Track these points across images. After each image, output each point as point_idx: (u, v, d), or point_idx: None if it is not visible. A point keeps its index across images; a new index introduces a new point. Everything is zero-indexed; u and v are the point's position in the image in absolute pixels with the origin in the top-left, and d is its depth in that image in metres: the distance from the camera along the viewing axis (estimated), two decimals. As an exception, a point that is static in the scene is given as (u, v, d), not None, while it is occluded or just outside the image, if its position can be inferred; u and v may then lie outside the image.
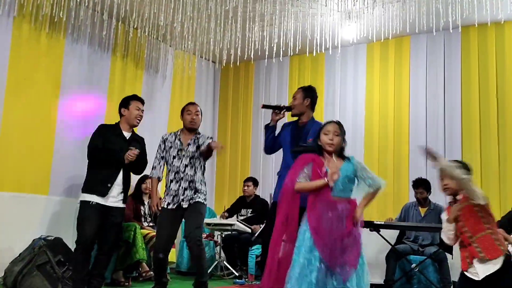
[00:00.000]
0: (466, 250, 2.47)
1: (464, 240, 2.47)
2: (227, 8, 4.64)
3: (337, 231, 2.64)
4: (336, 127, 2.84)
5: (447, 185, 2.53)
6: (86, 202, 3.63)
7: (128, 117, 3.85)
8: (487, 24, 4.79)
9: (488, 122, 5.25)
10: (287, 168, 3.32)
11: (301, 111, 3.51)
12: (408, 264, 4.41)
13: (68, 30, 4.98)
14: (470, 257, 2.43)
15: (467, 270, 2.46)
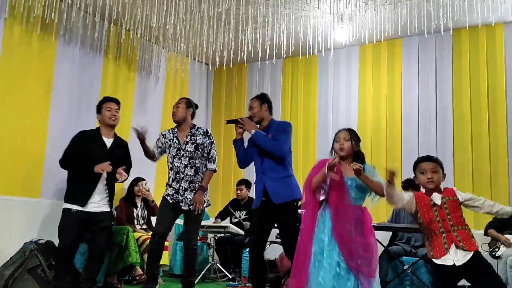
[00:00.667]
0: (444, 236, 2.62)
1: (445, 226, 2.64)
2: (219, 10, 4.64)
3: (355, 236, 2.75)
4: (345, 133, 2.95)
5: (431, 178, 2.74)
6: (67, 209, 3.61)
7: (102, 121, 3.84)
8: (478, 27, 4.85)
9: (480, 123, 5.29)
10: (259, 173, 3.44)
11: (261, 117, 3.57)
12: (401, 265, 4.42)
13: (60, 32, 4.95)
14: (448, 243, 2.59)
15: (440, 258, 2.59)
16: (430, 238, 2.69)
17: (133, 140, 5.79)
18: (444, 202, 2.69)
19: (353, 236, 2.74)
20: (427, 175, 2.76)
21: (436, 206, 2.69)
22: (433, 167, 2.78)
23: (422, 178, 2.78)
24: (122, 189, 5.54)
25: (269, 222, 3.46)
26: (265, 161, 3.43)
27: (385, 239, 4.79)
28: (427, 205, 2.72)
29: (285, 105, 6.54)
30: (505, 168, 5.10)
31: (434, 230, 2.67)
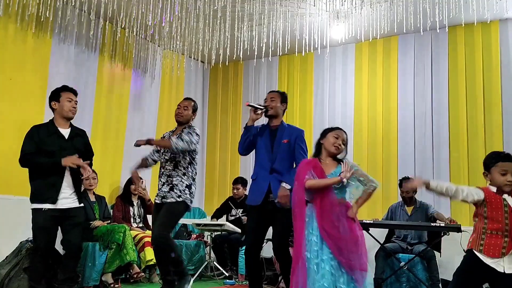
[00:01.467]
0: (506, 240, 2.48)
1: (511, 231, 2.49)
2: (215, 7, 4.63)
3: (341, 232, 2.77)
4: (345, 136, 3.01)
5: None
6: (38, 209, 3.39)
7: (60, 111, 3.53)
8: (474, 24, 4.86)
9: (475, 120, 5.31)
10: (265, 171, 3.40)
11: (277, 113, 3.55)
12: (397, 262, 4.44)
13: (54, 30, 4.92)
14: (508, 248, 2.46)
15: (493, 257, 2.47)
16: (486, 234, 2.53)
17: (129, 136, 5.80)
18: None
19: (341, 232, 2.76)
20: (508, 177, 2.53)
21: (508, 207, 2.53)
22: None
23: (500, 179, 2.55)
24: (118, 188, 5.54)
25: (266, 222, 3.46)
26: (277, 162, 3.41)
27: (381, 236, 4.81)
28: (498, 203, 2.55)
29: (281, 102, 6.53)
30: (501, 165, 5.11)
31: (496, 230, 2.52)
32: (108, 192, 5.40)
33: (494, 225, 2.52)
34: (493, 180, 2.59)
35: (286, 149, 3.43)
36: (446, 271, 4.71)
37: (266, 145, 3.48)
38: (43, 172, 3.42)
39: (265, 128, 3.58)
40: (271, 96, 3.58)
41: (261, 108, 3.50)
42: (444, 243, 4.56)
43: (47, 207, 3.39)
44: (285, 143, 3.43)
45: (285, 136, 3.46)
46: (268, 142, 3.49)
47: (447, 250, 4.59)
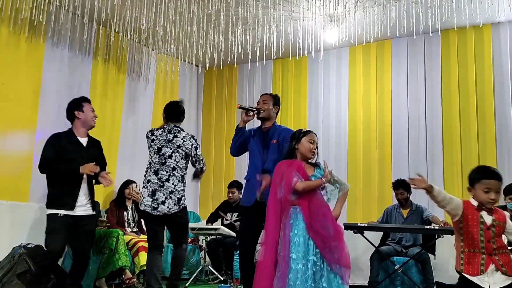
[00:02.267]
0: (484, 257, 2.46)
1: (488, 248, 2.47)
2: (209, 11, 4.63)
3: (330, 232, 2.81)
4: (317, 139, 3.05)
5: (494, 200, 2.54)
6: (54, 214, 3.51)
7: (84, 120, 3.73)
8: (466, 28, 4.89)
9: (468, 123, 5.34)
10: (256, 171, 3.40)
11: (269, 116, 3.58)
12: (392, 265, 4.45)
13: (48, 34, 4.91)
14: (486, 265, 2.44)
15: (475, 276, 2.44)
16: (464, 253, 2.51)
17: (123, 140, 5.78)
18: (494, 225, 2.49)
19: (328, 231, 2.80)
20: (491, 195, 2.48)
21: (483, 224, 2.48)
22: (498, 187, 2.50)
23: (483, 196, 2.49)
24: (112, 192, 5.51)
25: (259, 224, 3.40)
26: (269, 162, 3.42)
27: (376, 239, 4.81)
28: (475, 219, 2.49)
29: (275, 106, 6.54)
30: (494, 165, 5.11)
31: (473, 248, 2.48)
32: (102, 197, 5.37)
33: (470, 242, 2.49)
34: (476, 196, 2.54)
35: (276, 150, 3.45)
36: (440, 273, 4.72)
37: (258, 147, 3.52)
38: (61, 179, 3.55)
39: (258, 131, 3.62)
40: (263, 98, 3.61)
41: (253, 110, 3.53)
42: (438, 246, 4.57)
43: (63, 213, 3.50)
44: (274, 144, 3.46)
45: (275, 136, 3.49)
46: (260, 143, 3.52)
47: (441, 253, 4.61)
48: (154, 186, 3.75)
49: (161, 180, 3.75)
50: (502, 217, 2.53)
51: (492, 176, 2.52)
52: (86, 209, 3.64)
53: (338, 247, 2.79)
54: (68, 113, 3.77)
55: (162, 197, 3.71)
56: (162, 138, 3.81)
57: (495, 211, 2.53)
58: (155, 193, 3.73)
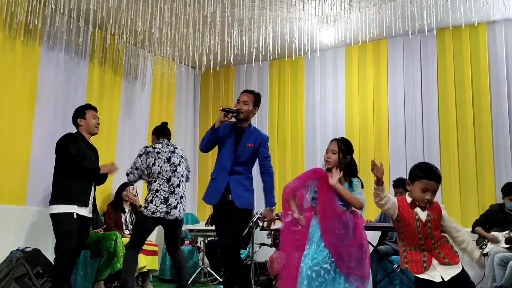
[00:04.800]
0: (425, 254, 2.45)
1: (427, 245, 2.45)
2: (205, 13, 4.63)
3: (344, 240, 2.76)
4: (334, 145, 2.94)
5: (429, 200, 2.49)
6: (69, 214, 3.55)
7: (87, 127, 3.85)
8: (462, 27, 4.91)
9: (465, 122, 5.35)
10: (224, 171, 3.40)
11: (247, 117, 3.50)
12: (390, 264, 4.45)
13: (43, 37, 4.90)
14: (428, 262, 2.43)
15: (423, 273, 2.43)
16: (406, 251, 2.50)
17: (120, 143, 5.77)
18: (429, 220, 2.47)
19: (344, 240, 2.75)
20: (427, 195, 2.46)
21: (419, 221, 2.46)
22: (436, 188, 2.48)
23: (420, 195, 2.47)
24: (110, 195, 5.50)
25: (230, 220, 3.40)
26: (239, 164, 3.42)
27: (374, 239, 4.81)
28: (411, 217, 2.48)
29: (272, 107, 6.55)
30: (491, 165, 5.16)
31: (413, 245, 2.48)
32: (99, 200, 5.35)
33: (409, 240, 2.47)
34: (413, 192, 2.51)
35: (249, 153, 3.44)
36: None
37: (230, 146, 3.45)
38: (80, 176, 3.63)
39: (233, 129, 3.52)
40: (244, 98, 3.48)
41: (233, 112, 3.44)
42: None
43: (76, 213, 3.55)
44: (249, 148, 3.42)
45: (251, 140, 3.44)
46: (232, 143, 3.46)
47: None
48: (166, 193, 3.99)
49: (172, 186, 4.02)
50: (438, 212, 2.50)
51: (432, 177, 2.46)
52: (91, 211, 3.75)
53: (355, 257, 2.73)
54: (73, 120, 3.89)
55: (174, 202, 4.00)
56: (165, 150, 4.11)
57: (431, 207, 2.50)
58: (168, 200, 3.98)
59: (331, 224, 2.78)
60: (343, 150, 2.91)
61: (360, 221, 2.88)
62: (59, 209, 3.56)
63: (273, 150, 6.44)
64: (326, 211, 2.81)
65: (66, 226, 3.52)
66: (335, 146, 2.92)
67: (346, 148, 2.93)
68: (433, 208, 2.50)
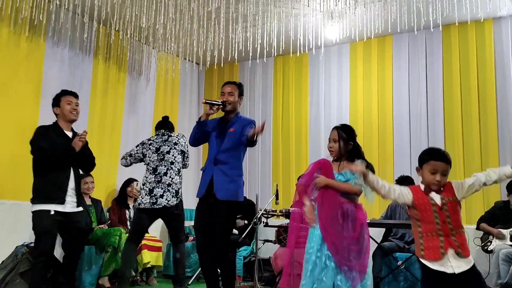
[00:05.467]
0: (442, 240, 2.40)
1: (444, 230, 2.41)
2: (209, 9, 4.62)
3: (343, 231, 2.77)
4: (334, 133, 2.96)
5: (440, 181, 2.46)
6: (45, 211, 3.38)
7: (62, 114, 3.63)
8: (467, 23, 4.87)
9: (470, 118, 5.32)
10: (210, 162, 3.31)
11: (234, 108, 3.43)
12: (395, 261, 4.44)
13: (48, 33, 4.91)
14: (445, 247, 2.39)
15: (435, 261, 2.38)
16: (423, 237, 2.46)
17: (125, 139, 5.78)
18: (444, 203, 2.44)
19: (340, 230, 2.77)
20: (437, 176, 2.44)
21: (435, 206, 2.44)
22: (445, 169, 2.46)
23: (429, 177, 2.46)
24: (114, 191, 5.52)
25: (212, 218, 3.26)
26: (221, 152, 3.29)
27: (378, 235, 4.81)
28: (426, 203, 2.46)
29: (276, 103, 6.54)
30: (496, 161, 5.13)
31: (430, 231, 2.43)
32: (104, 196, 5.38)
33: (427, 226, 2.44)
34: (423, 177, 2.51)
35: (232, 139, 3.30)
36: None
37: (216, 138, 3.37)
38: (52, 170, 3.45)
39: (220, 121, 3.47)
40: (229, 89, 3.42)
41: (219, 104, 3.37)
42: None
43: (54, 210, 3.40)
44: (232, 132, 3.31)
45: (234, 126, 3.34)
46: (219, 133, 3.38)
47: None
48: (152, 184, 4.04)
49: (159, 175, 4.06)
50: (451, 192, 2.47)
51: (440, 158, 2.47)
52: (74, 205, 3.55)
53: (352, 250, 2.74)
54: (52, 109, 3.71)
55: (160, 191, 4.01)
56: (158, 140, 4.20)
57: (444, 189, 2.48)
58: (153, 191, 4.02)
59: (329, 212, 2.80)
60: (344, 137, 2.93)
61: (362, 215, 2.88)
62: (35, 207, 3.44)
63: (277, 146, 6.44)
64: (325, 199, 2.83)
65: (43, 226, 3.38)
66: (335, 135, 2.95)
67: (347, 134, 2.95)
68: (445, 190, 2.48)
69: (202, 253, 3.32)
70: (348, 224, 2.79)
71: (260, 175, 6.41)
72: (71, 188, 3.52)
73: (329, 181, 2.84)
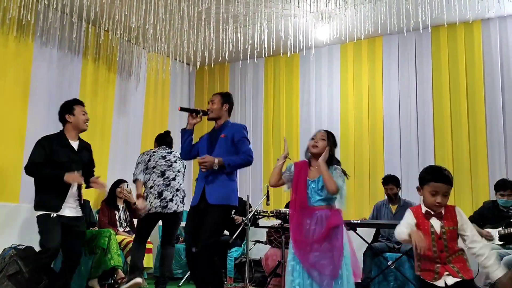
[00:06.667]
0: (438, 266, 2.36)
1: (441, 258, 2.36)
2: (199, 9, 4.60)
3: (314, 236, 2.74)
4: (323, 133, 2.98)
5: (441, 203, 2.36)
6: (46, 215, 3.45)
7: (75, 123, 3.66)
8: (456, 24, 4.91)
9: (459, 118, 5.37)
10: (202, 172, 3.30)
11: (219, 115, 3.45)
12: (385, 261, 4.46)
13: (36, 33, 4.86)
14: (440, 273, 2.34)
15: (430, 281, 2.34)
16: (420, 260, 2.41)
17: (114, 140, 5.74)
18: (443, 232, 2.35)
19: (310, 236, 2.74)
20: (437, 198, 2.34)
21: (434, 234, 2.36)
22: (446, 191, 2.36)
23: (430, 199, 2.37)
24: (104, 192, 5.47)
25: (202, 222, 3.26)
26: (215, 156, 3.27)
27: (369, 235, 4.82)
28: (426, 230, 2.38)
29: (267, 103, 6.54)
30: (485, 161, 5.18)
31: (427, 256, 2.36)
32: (93, 196, 5.34)
33: (424, 251, 2.31)
34: (424, 198, 2.41)
35: (223, 144, 3.31)
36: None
37: (206, 145, 3.38)
38: (48, 182, 3.50)
39: (210, 132, 3.50)
40: (211, 99, 3.51)
41: (197, 111, 3.42)
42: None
43: (56, 214, 3.47)
44: (222, 138, 3.31)
45: (224, 132, 3.35)
46: (208, 141, 3.40)
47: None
48: (160, 187, 4.08)
49: (167, 179, 4.12)
50: (453, 221, 2.38)
51: (441, 179, 2.36)
52: (75, 211, 3.59)
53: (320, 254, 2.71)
54: (60, 116, 3.72)
55: (169, 195, 4.07)
56: (162, 150, 4.28)
57: (445, 216, 2.39)
58: (162, 194, 4.06)
59: (300, 220, 2.80)
60: (331, 140, 2.97)
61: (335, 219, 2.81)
62: (38, 212, 3.52)
63: (268, 147, 6.44)
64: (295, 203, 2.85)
65: (47, 224, 3.45)
66: (325, 135, 2.97)
67: (333, 139, 3.01)
68: (448, 217, 2.38)
69: (190, 257, 3.29)
70: (321, 230, 2.75)
71: (251, 176, 6.41)
72: (70, 196, 3.55)
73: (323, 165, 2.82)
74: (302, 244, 2.74)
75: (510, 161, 5.08)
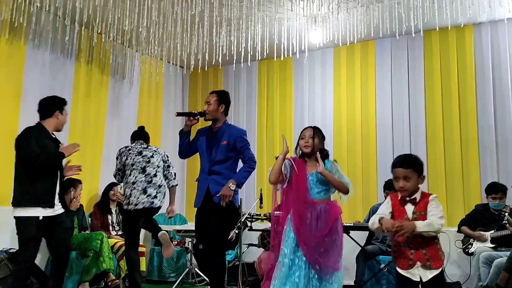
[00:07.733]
0: (413, 251, 2.44)
1: (414, 243, 2.43)
2: (193, 12, 4.60)
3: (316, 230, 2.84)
4: (311, 131, 3.07)
5: (403, 187, 2.47)
6: (33, 217, 3.30)
7: (61, 123, 3.63)
8: (448, 28, 4.95)
9: (451, 121, 5.40)
10: (204, 173, 3.41)
11: (215, 117, 3.50)
12: (377, 264, 4.47)
13: (29, 36, 4.83)
14: (414, 259, 2.42)
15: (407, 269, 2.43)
16: (396, 247, 2.50)
17: (107, 143, 5.72)
18: (415, 217, 2.45)
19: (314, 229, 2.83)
20: (400, 182, 2.47)
21: (407, 219, 2.45)
22: (405, 174, 2.46)
23: (395, 185, 2.51)
24: (97, 195, 5.45)
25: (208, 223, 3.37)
26: (216, 163, 3.40)
27: (361, 238, 4.84)
28: (401, 215, 2.48)
29: (261, 107, 6.55)
30: (476, 165, 5.21)
31: (402, 242, 2.45)
32: (86, 200, 5.31)
33: (399, 237, 2.41)
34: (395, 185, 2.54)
35: (225, 151, 3.40)
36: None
37: (206, 148, 3.45)
38: (43, 175, 3.41)
39: (208, 130, 3.55)
40: (207, 99, 3.53)
41: (194, 114, 3.48)
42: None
43: (43, 215, 3.35)
44: (224, 145, 3.40)
45: (225, 137, 3.42)
46: (208, 144, 3.46)
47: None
48: (143, 184, 4.06)
49: (149, 175, 4.10)
50: (425, 206, 2.45)
51: (397, 164, 2.50)
52: (59, 207, 3.52)
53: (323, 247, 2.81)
54: (47, 108, 3.59)
55: (153, 192, 4.08)
56: (137, 146, 4.25)
57: (419, 202, 2.47)
58: (146, 190, 4.05)
59: (302, 211, 2.88)
60: (319, 136, 3.07)
61: (335, 211, 2.96)
62: (23, 213, 3.34)
63: (261, 150, 6.44)
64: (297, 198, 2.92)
65: (31, 232, 3.31)
66: (311, 132, 3.07)
67: (321, 134, 3.11)
68: (421, 203, 2.47)
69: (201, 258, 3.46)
70: (322, 223, 2.85)
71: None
72: (57, 192, 3.51)
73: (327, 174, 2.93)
74: (307, 237, 2.81)
75: (501, 164, 5.12)
